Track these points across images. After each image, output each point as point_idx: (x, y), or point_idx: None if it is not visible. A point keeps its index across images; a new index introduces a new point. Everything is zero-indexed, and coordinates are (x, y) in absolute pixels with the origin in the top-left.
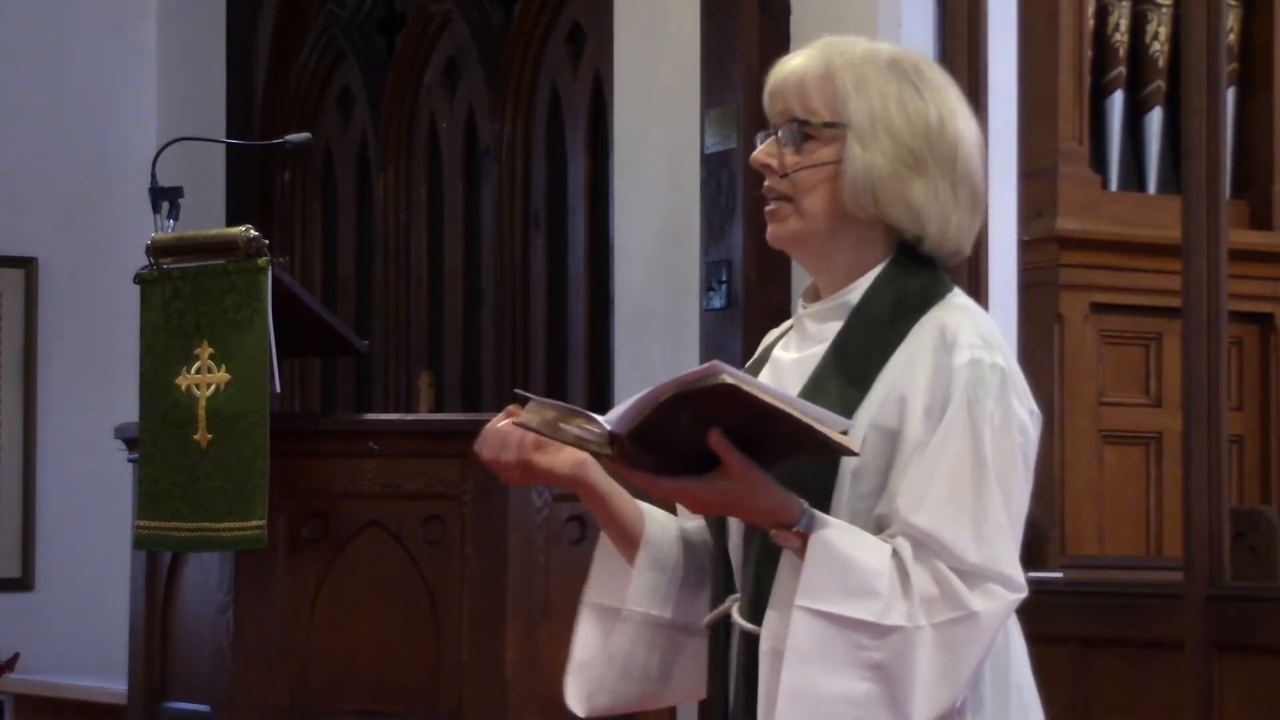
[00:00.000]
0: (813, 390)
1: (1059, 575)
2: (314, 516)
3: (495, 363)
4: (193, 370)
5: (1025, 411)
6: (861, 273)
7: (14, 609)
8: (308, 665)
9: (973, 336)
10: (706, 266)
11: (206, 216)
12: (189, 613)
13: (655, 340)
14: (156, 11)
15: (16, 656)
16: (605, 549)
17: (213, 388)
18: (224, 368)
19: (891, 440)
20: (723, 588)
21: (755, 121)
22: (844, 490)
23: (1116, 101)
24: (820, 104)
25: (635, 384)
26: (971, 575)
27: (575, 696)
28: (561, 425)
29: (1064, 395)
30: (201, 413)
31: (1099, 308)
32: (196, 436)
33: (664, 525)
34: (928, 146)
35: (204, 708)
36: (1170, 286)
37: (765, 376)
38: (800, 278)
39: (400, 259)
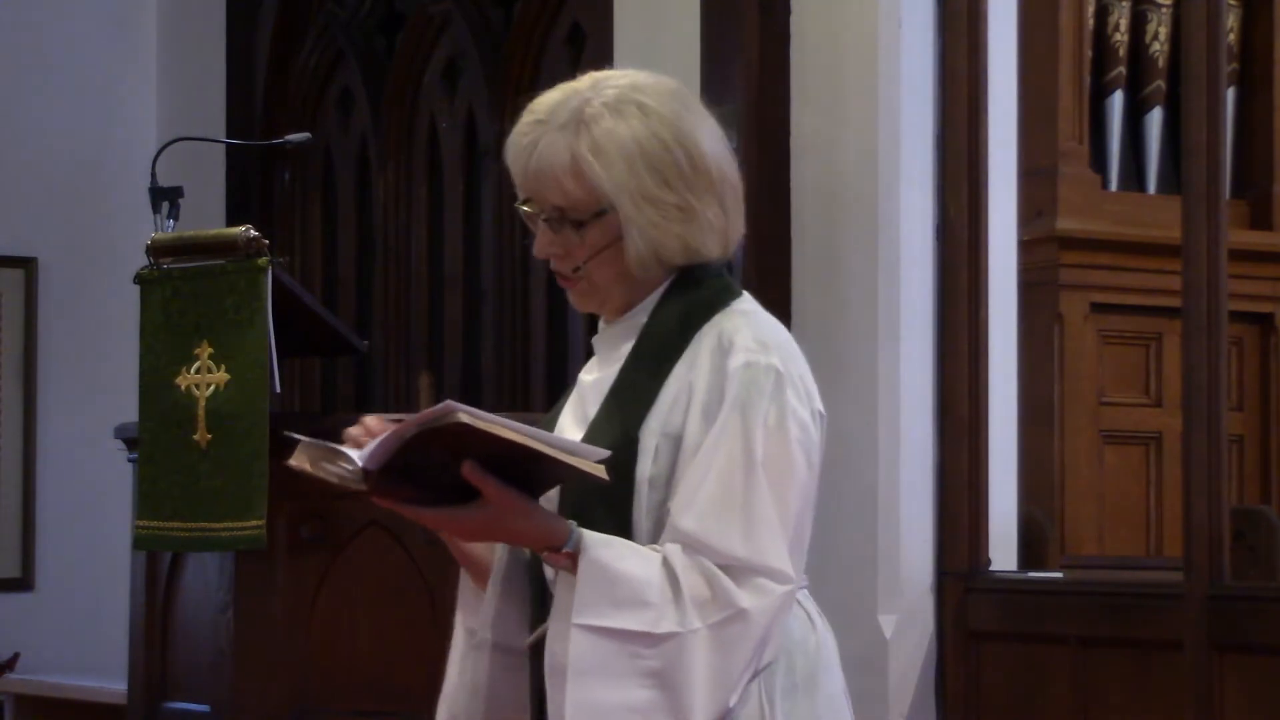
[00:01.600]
0: (608, 407)
1: (1059, 575)
2: (314, 516)
3: (495, 363)
4: (193, 370)
5: (806, 411)
6: (646, 294)
7: (14, 609)
8: (308, 665)
9: (749, 340)
10: None
11: (206, 216)
12: (189, 613)
13: None
14: (156, 11)
15: (16, 656)
16: (464, 579)
17: (212, 388)
18: (224, 368)
19: (678, 444)
20: (539, 608)
21: (755, 121)
22: (642, 498)
23: (1116, 101)
24: (580, 197)
25: None
26: (739, 571)
27: None
28: (325, 465)
29: (1064, 395)
30: (201, 413)
31: (1099, 308)
32: (196, 436)
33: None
34: (689, 189)
35: (204, 708)
36: (1170, 286)
37: (571, 400)
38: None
39: (400, 259)
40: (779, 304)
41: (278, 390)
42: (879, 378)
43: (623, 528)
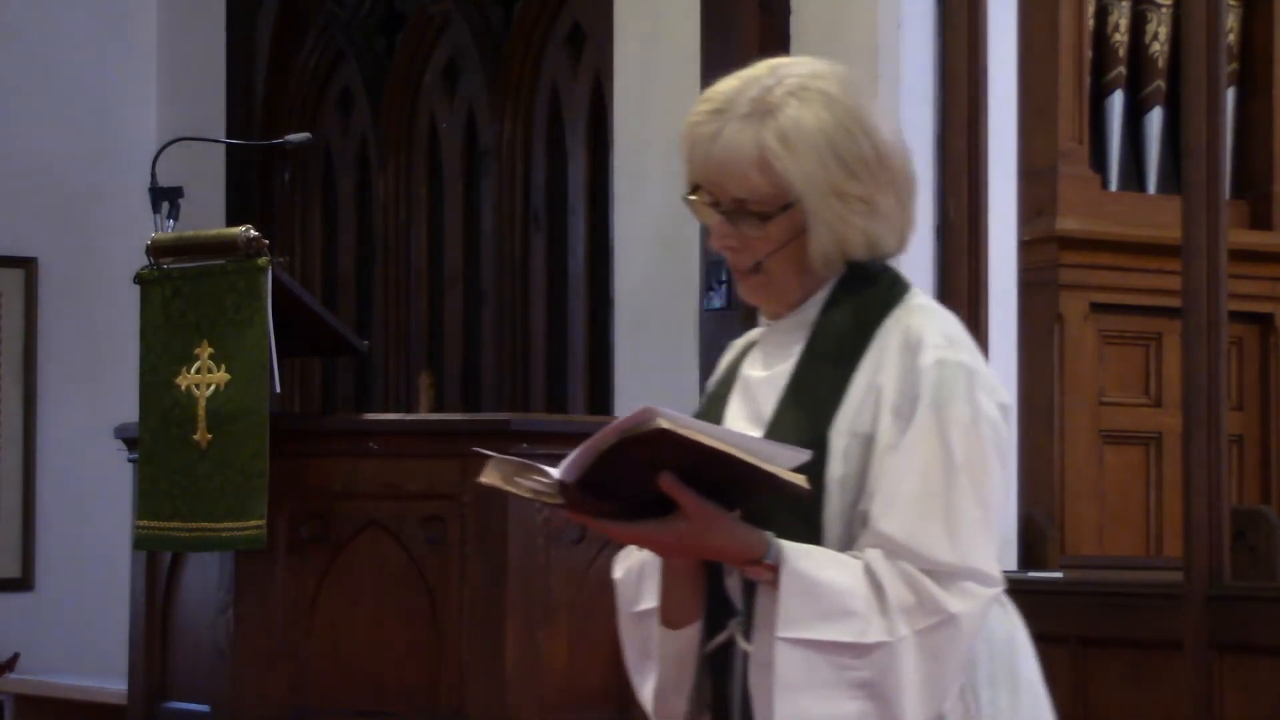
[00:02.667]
0: (788, 405)
1: (1059, 575)
2: (314, 516)
3: (495, 363)
4: (193, 370)
5: (994, 405)
6: (818, 289)
7: (14, 609)
8: (308, 665)
9: (937, 336)
10: (706, 266)
11: (206, 216)
12: (189, 613)
13: (655, 340)
14: (156, 11)
15: (16, 656)
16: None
17: (213, 388)
18: (224, 368)
19: (869, 444)
20: (721, 611)
21: None
22: (833, 501)
23: (1116, 101)
24: (765, 186)
25: (635, 384)
26: (945, 575)
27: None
28: (518, 479)
29: (1064, 395)
30: (201, 413)
31: (1099, 308)
32: (196, 436)
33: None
34: (873, 184)
35: (204, 708)
36: (1170, 286)
37: (735, 396)
38: None
39: (400, 259)
40: None
41: (278, 390)
42: None
43: (812, 531)
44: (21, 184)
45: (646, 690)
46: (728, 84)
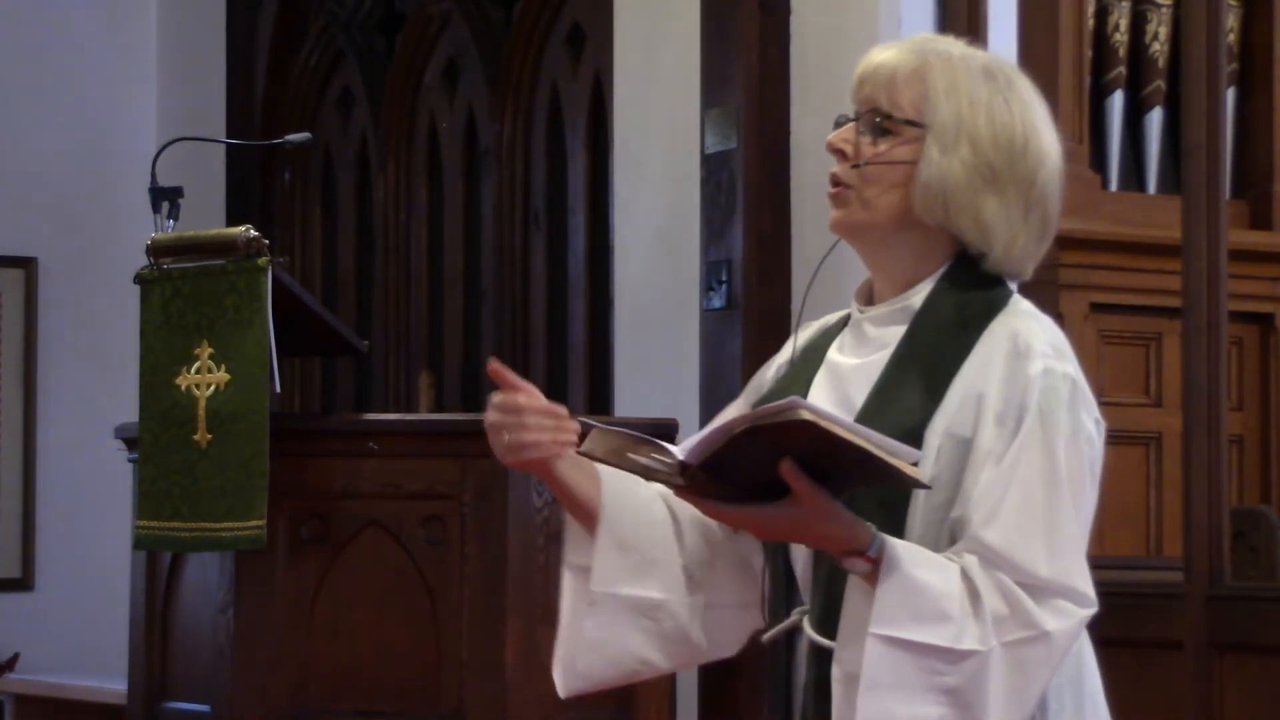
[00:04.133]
0: (882, 397)
1: None
2: (314, 516)
3: None
4: (193, 370)
5: (1091, 422)
6: (921, 278)
7: (14, 609)
8: (308, 665)
9: (1045, 345)
10: (706, 266)
11: (206, 216)
12: (189, 613)
13: (655, 340)
14: (156, 11)
15: (16, 656)
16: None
17: (213, 388)
18: (224, 368)
19: (965, 448)
20: (783, 601)
21: (755, 121)
22: (918, 501)
23: (1116, 101)
24: (906, 100)
25: (635, 384)
26: (1041, 591)
27: (559, 681)
28: (629, 455)
29: None
30: (201, 413)
31: (1099, 308)
32: (196, 436)
33: (634, 506)
34: (1008, 163)
35: (204, 708)
36: (1170, 286)
37: (821, 380)
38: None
39: (400, 259)
40: (779, 304)
41: (278, 390)
42: None
43: (896, 527)
44: (21, 184)
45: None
46: (924, 34)
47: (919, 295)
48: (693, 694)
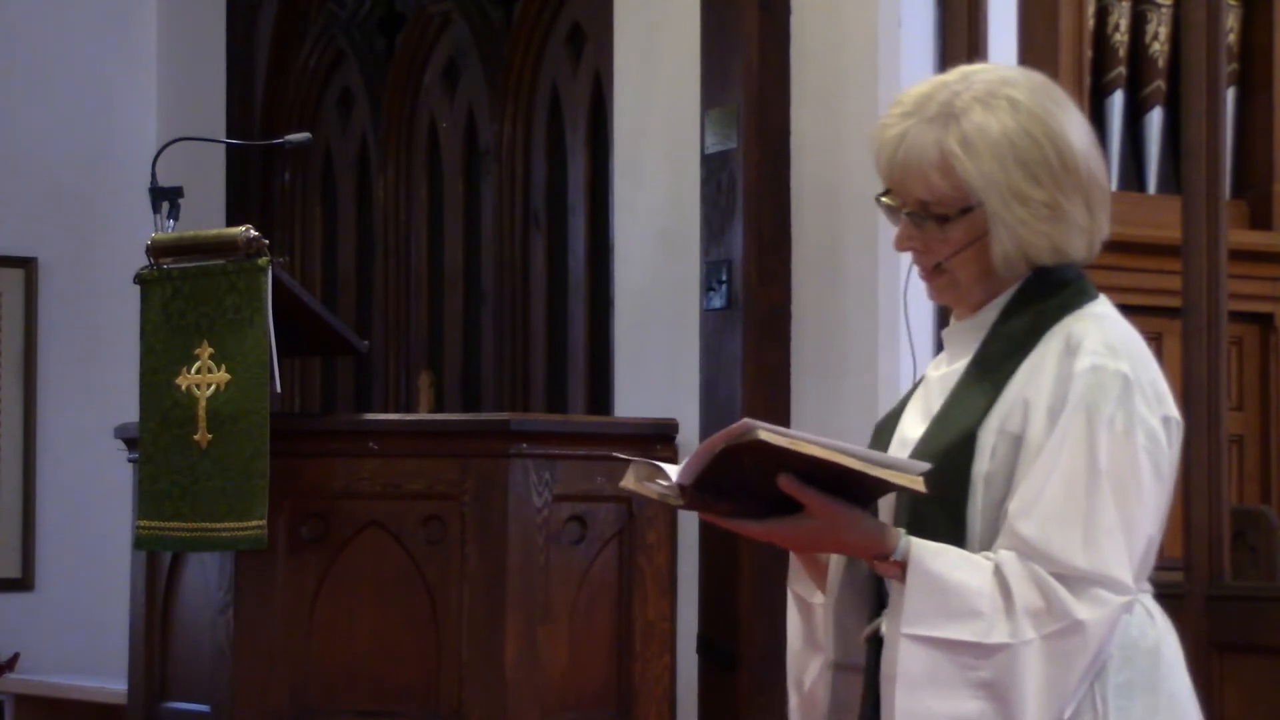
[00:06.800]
0: (950, 404)
1: None
2: (314, 516)
3: (495, 363)
4: (193, 370)
5: (1157, 418)
6: (1002, 290)
7: (14, 609)
8: (308, 665)
9: (1097, 344)
10: (706, 266)
11: (206, 216)
12: (189, 613)
13: (655, 340)
14: (156, 11)
15: (16, 656)
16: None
17: (213, 388)
18: (224, 368)
19: (1018, 445)
20: (876, 602)
21: (755, 121)
22: (977, 497)
23: (1116, 101)
24: (946, 188)
25: (635, 384)
26: (1077, 581)
27: None
28: (647, 482)
29: None
30: (201, 413)
31: None
32: (196, 436)
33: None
34: (1058, 189)
35: (204, 708)
36: (1170, 286)
37: (918, 394)
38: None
39: (400, 259)
40: (779, 304)
41: (278, 390)
42: (879, 378)
43: (956, 525)
44: (21, 184)
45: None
46: (919, 88)
47: (996, 308)
48: (693, 694)
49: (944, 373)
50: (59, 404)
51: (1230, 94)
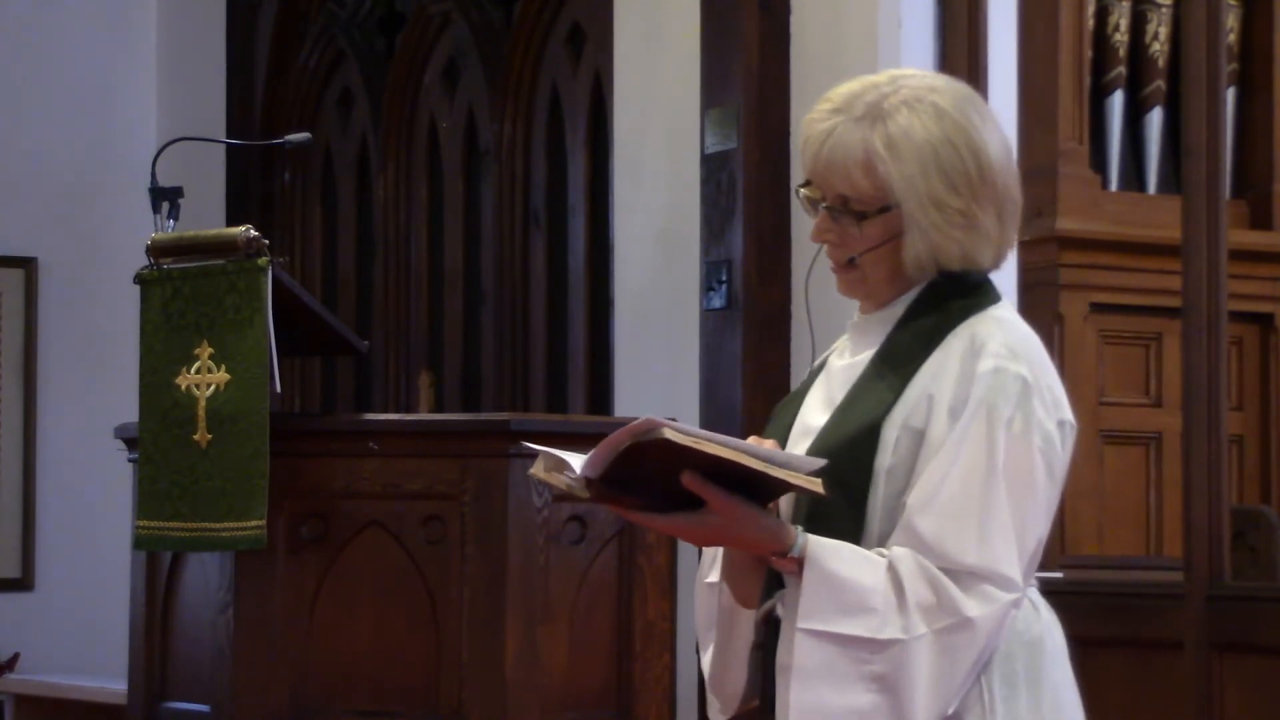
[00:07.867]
0: (855, 396)
1: (1059, 575)
2: (314, 516)
3: (495, 363)
4: (193, 370)
5: (1053, 421)
6: (909, 290)
7: (14, 609)
8: (307, 665)
9: (1000, 346)
10: (706, 266)
11: (206, 216)
12: (189, 613)
13: (655, 340)
14: (156, 11)
15: (16, 656)
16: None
17: (213, 388)
18: (224, 368)
19: (920, 440)
20: (774, 582)
21: (755, 121)
22: (878, 489)
23: (1116, 101)
24: (867, 187)
25: (635, 384)
26: (968, 578)
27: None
28: (555, 473)
29: None
30: (201, 413)
31: (1099, 308)
32: (196, 436)
33: None
34: (974, 199)
35: (204, 708)
36: (1170, 286)
37: (820, 382)
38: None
39: (400, 259)
40: (779, 304)
41: (278, 390)
42: None
43: (857, 515)
44: (21, 184)
45: (706, 658)
46: (848, 86)
47: (904, 304)
48: (693, 694)
49: (848, 363)
50: (59, 404)
51: (1230, 94)
